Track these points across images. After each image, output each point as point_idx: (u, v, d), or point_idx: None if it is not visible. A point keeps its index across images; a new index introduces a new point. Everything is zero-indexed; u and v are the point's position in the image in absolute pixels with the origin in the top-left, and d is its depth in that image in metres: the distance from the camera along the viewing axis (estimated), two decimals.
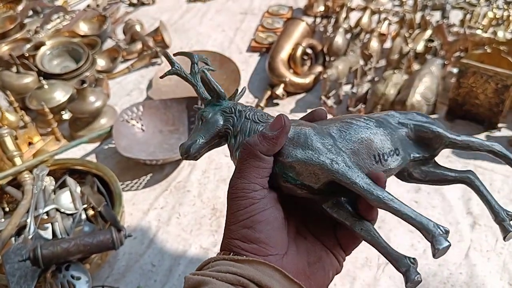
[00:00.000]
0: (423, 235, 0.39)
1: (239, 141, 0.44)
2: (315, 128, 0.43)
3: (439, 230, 0.38)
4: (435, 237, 0.38)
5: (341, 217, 0.43)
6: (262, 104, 1.42)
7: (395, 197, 0.40)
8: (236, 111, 0.45)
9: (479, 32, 1.45)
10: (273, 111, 1.43)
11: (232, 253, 0.41)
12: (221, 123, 0.45)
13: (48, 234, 0.98)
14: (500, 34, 1.46)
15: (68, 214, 1.04)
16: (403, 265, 0.42)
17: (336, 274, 0.46)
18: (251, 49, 1.76)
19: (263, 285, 0.38)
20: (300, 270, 0.43)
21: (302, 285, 0.40)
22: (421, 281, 0.40)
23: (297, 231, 0.46)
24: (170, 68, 0.48)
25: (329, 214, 0.43)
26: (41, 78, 1.43)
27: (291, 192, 0.43)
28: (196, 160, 0.44)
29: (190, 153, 0.44)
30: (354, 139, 0.43)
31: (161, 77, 0.48)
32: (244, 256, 0.40)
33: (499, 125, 1.28)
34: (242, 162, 0.43)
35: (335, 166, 0.40)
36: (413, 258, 0.42)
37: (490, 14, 1.65)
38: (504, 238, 0.44)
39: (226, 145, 0.46)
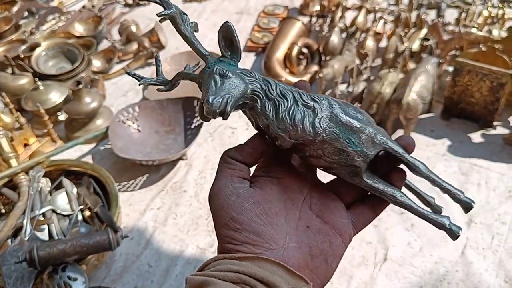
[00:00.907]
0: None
1: (281, 109, 0.41)
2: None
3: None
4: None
5: (380, 186, 0.44)
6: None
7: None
8: (259, 77, 0.42)
9: (474, 30, 1.46)
10: None
11: (231, 251, 0.41)
12: (247, 84, 0.41)
13: (44, 236, 0.98)
14: (495, 32, 1.46)
15: (64, 215, 1.04)
16: (440, 226, 0.45)
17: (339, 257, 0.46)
18: (247, 49, 1.76)
19: (266, 281, 0.38)
20: (302, 263, 0.42)
21: (306, 278, 0.39)
22: (460, 234, 0.44)
23: (298, 221, 0.44)
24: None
25: (369, 185, 0.44)
26: (37, 79, 1.43)
27: (340, 163, 0.43)
28: (226, 118, 0.39)
29: (226, 109, 0.38)
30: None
31: (159, 17, 0.42)
32: (244, 254, 0.40)
33: (495, 123, 1.29)
34: (218, 168, 0.44)
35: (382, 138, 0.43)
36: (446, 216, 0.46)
37: (485, 13, 1.65)
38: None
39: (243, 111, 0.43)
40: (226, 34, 0.42)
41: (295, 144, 0.42)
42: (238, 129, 1.37)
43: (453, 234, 0.44)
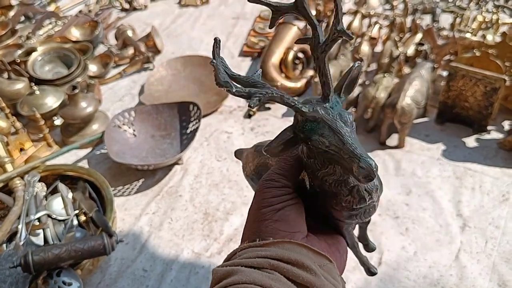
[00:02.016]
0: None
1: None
2: None
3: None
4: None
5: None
6: (254, 109, 1.42)
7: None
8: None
9: (468, 35, 1.47)
10: (265, 115, 1.43)
11: (258, 239, 0.43)
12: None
13: (39, 240, 0.98)
14: (489, 37, 1.47)
15: (59, 220, 1.04)
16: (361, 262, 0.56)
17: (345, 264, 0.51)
18: (243, 54, 1.77)
19: (293, 261, 0.39)
20: (323, 248, 0.45)
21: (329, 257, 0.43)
22: (376, 272, 0.53)
23: (312, 221, 0.49)
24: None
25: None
26: (33, 84, 1.43)
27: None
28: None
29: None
30: None
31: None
32: (271, 239, 0.42)
33: (489, 127, 1.29)
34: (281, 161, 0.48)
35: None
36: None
37: (480, 18, 1.67)
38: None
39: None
40: (355, 76, 0.42)
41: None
42: (234, 133, 1.38)
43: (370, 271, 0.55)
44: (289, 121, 1.39)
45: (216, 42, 0.41)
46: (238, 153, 0.72)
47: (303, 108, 0.40)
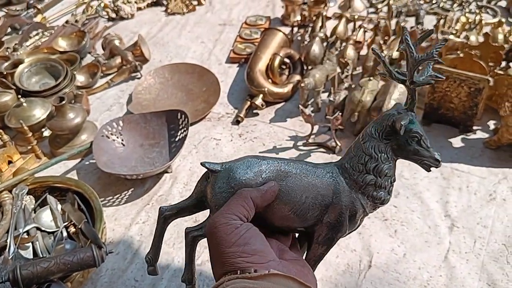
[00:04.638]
0: None
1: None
2: None
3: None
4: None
5: None
6: (241, 115, 1.43)
7: None
8: None
9: (452, 37, 1.48)
10: (253, 121, 1.44)
11: (239, 271, 0.44)
12: None
13: (28, 254, 0.98)
14: (473, 38, 1.49)
15: (49, 233, 1.04)
16: None
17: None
18: (230, 60, 1.77)
19: None
20: (300, 273, 0.47)
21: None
22: None
23: (277, 247, 0.51)
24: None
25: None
26: (20, 96, 1.42)
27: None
28: None
29: None
30: None
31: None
32: (252, 270, 0.43)
33: (474, 127, 1.31)
34: (232, 199, 0.52)
35: None
36: None
37: (463, 19, 1.68)
38: None
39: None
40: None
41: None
42: (222, 140, 1.38)
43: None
44: (277, 126, 1.40)
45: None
46: None
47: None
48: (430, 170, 0.56)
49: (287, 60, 1.57)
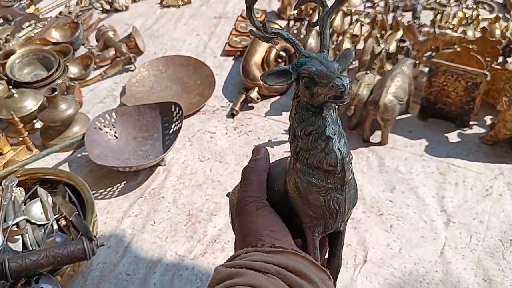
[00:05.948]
0: None
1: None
2: None
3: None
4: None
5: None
6: (236, 108, 1.41)
7: None
8: None
9: (449, 31, 1.47)
10: (248, 115, 1.42)
11: (259, 245, 0.44)
12: None
13: (18, 247, 0.96)
14: (470, 33, 1.48)
15: (39, 225, 1.02)
16: None
17: None
18: (225, 53, 1.75)
19: (298, 272, 0.41)
20: (313, 257, 0.47)
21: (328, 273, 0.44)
22: None
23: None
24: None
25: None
26: (11, 87, 1.40)
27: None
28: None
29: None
30: None
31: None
32: (275, 246, 0.44)
33: (471, 122, 1.30)
34: (253, 177, 0.52)
35: None
36: None
37: (460, 14, 1.67)
38: None
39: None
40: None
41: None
42: (217, 133, 1.37)
43: None
44: (273, 119, 1.39)
45: None
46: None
47: (301, 48, 0.48)
48: (343, 102, 0.44)
49: (283, 53, 1.56)
